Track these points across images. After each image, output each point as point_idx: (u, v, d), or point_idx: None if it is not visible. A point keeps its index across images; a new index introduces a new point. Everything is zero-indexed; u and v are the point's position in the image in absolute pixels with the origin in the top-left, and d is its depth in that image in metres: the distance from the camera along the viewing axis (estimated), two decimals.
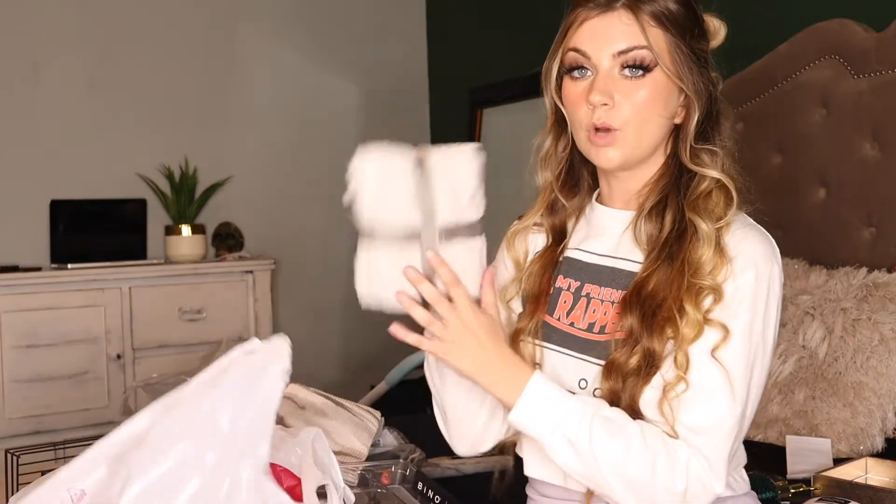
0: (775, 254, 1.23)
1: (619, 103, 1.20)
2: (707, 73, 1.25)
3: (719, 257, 1.18)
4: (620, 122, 1.21)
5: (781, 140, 2.38)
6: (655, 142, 1.24)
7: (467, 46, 3.88)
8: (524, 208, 1.41)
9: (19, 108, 3.29)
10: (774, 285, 1.21)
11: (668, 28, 1.21)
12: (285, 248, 3.71)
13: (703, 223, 1.20)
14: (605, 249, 1.29)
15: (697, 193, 1.22)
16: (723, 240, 1.20)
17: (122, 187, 3.41)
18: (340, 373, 3.84)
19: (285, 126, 3.77)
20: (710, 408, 1.15)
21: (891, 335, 1.91)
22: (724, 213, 1.21)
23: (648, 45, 1.20)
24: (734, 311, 1.17)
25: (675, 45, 1.21)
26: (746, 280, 1.18)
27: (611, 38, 1.21)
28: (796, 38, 2.37)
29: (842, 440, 1.87)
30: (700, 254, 1.18)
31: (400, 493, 1.35)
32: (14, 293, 2.96)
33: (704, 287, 1.17)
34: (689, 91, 1.22)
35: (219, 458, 0.98)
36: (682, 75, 1.21)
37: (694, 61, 1.22)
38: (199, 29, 3.61)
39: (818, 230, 2.26)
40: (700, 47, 1.24)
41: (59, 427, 2.94)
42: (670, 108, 1.23)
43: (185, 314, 3.21)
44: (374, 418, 1.80)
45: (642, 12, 1.20)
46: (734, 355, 1.16)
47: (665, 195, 1.25)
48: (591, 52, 1.22)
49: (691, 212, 1.21)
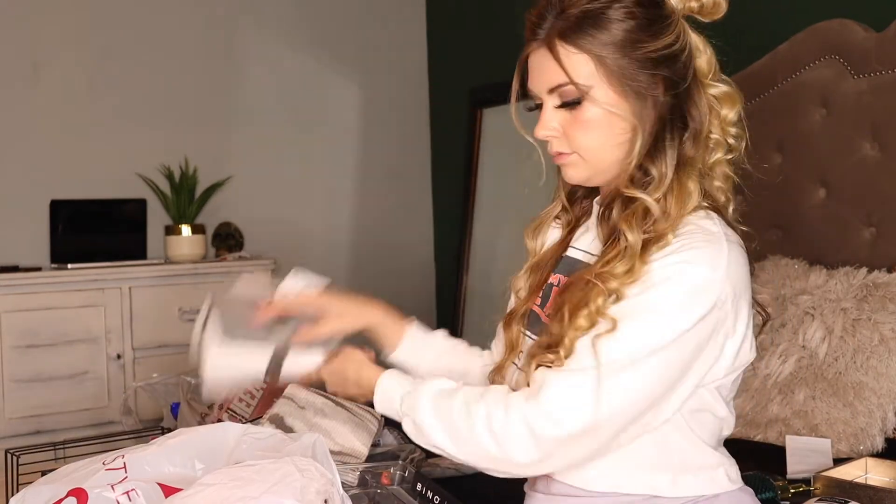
0: (715, 260, 1.15)
1: (565, 132, 1.21)
2: (666, 71, 1.19)
3: (640, 263, 1.15)
4: (569, 149, 1.22)
5: (781, 140, 2.37)
6: (611, 161, 1.22)
7: (467, 46, 3.88)
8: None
9: (19, 108, 3.29)
10: (694, 285, 1.14)
11: (596, 51, 1.17)
12: (285, 248, 3.71)
13: (630, 234, 1.17)
14: (586, 245, 1.31)
15: (633, 208, 1.20)
16: (650, 252, 1.16)
17: (122, 187, 3.41)
18: None
19: (285, 126, 3.77)
20: (566, 378, 1.13)
21: (891, 335, 1.91)
22: (659, 228, 1.17)
23: (570, 80, 1.18)
24: (633, 303, 1.15)
25: (606, 67, 1.17)
26: (652, 270, 1.15)
27: (541, 76, 1.21)
28: (796, 38, 2.37)
29: (842, 440, 1.87)
30: (616, 260, 1.16)
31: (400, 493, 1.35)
32: (14, 293, 2.96)
33: (604, 290, 1.15)
34: (629, 112, 1.18)
35: None
36: (618, 100, 1.18)
37: (641, 72, 1.17)
38: (199, 29, 3.61)
39: (818, 230, 2.26)
40: (650, 49, 1.17)
41: (59, 427, 2.94)
42: (617, 129, 1.19)
43: (185, 314, 3.21)
44: (374, 418, 1.81)
45: (563, 44, 1.17)
46: (617, 342, 1.13)
47: (613, 198, 1.24)
48: (534, 90, 1.24)
49: (622, 223, 1.19)
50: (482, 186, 3.67)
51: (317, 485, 1.05)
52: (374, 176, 3.96)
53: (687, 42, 1.22)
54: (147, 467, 1.10)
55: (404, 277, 3.96)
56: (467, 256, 3.68)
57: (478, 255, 3.65)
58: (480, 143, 3.70)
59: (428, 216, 4.09)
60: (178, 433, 1.18)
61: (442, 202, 4.04)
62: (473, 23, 3.84)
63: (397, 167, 4.01)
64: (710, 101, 1.25)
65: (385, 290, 3.91)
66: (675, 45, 1.20)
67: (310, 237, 3.83)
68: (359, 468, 1.53)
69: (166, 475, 1.11)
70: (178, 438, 1.15)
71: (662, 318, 1.13)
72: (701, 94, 1.23)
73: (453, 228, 3.81)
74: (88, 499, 1.06)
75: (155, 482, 1.08)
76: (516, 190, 3.36)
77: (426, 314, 4.01)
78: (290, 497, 1.02)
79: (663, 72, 1.19)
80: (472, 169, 3.71)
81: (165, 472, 1.11)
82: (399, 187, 4.02)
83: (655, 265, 1.15)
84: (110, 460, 1.11)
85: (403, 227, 4.03)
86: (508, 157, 3.52)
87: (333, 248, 3.86)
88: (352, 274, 3.87)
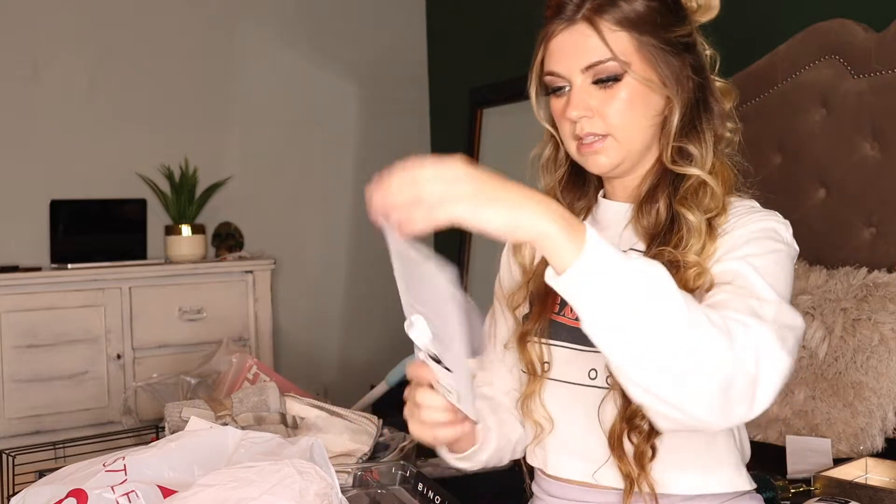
0: (783, 225, 1.21)
1: (599, 112, 1.21)
2: (690, 57, 1.24)
3: (710, 241, 1.18)
4: (604, 130, 1.22)
5: (781, 140, 2.37)
6: (644, 142, 1.24)
7: (467, 46, 3.88)
8: None
9: (19, 108, 3.29)
10: (777, 237, 1.17)
11: (634, 29, 1.19)
12: (285, 248, 3.71)
13: (691, 214, 1.19)
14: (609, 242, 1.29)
15: (685, 188, 1.22)
16: (719, 226, 1.20)
17: (122, 187, 3.41)
18: (340, 373, 3.84)
19: (285, 126, 3.77)
20: (749, 295, 1.07)
21: (891, 335, 1.91)
22: (716, 204, 1.21)
23: (613, 56, 1.19)
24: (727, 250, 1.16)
25: (643, 45, 1.20)
26: (743, 227, 1.17)
27: (576, 54, 1.21)
28: (796, 38, 2.37)
29: (842, 440, 1.87)
30: (688, 239, 1.18)
31: (400, 493, 1.35)
32: (14, 293, 2.96)
33: (689, 263, 1.16)
34: (669, 87, 1.21)
35: None
36: (654, 77, 1.20)
37: (671, 53, 1.21)
38: (199, 29, 3.61)
39: (818, 230, 2.26)
40: (678, 34, 1.22)
41: (59, 427, 2.94)
42: (653, 107, 1.22)
43: (185, 314, 3.21)
44: (372, 423, 1.78)
45: (603, 20, 1.19)
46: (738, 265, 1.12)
47: (655, 185, 1.25)
48: (562, 71, 1.22)
49: (679, 205, 1.21)
50: None
51: (316, 487, 1.05)
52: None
53: (696, 36, 1.27)
54: (147, 470, 1.10)
55: None
56: (467, 256, 3.68)
57: (478, 255, 3.65)
58: (480, 143, 3.70)
59: None
60: (178, 436, 1.18)
61: None
62: (473, 23, 3.84)
63: None
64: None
65: (385, 290, 3.93)
66: (692, 36, 1.25)
67: (310, 237, 3.83)
68: (350, 468, 1.52)
69: (166, 479, 1.11)
70: (179, 442, 1.16)
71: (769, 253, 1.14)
72: (713, 84, 1.28)
73: (453, 228, 3.81)
74: (88, 499, 1.06)
75: (155, 484, 1.08)
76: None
77: None
78: (289, 499, 1.02)
79: (689, 56, 1.23)
80: None
81: (165, 476, 1.11)
82: None
83: (738, 228, 1.17)
84: (111, 461, 1.11)
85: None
86: (508, 157, 3.52)
87: (333, 248, 3.86)
88: (351, 274, 3.87)
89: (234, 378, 2.18)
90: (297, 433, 1.73)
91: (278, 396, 1.77)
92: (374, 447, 1.75)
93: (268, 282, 3.39)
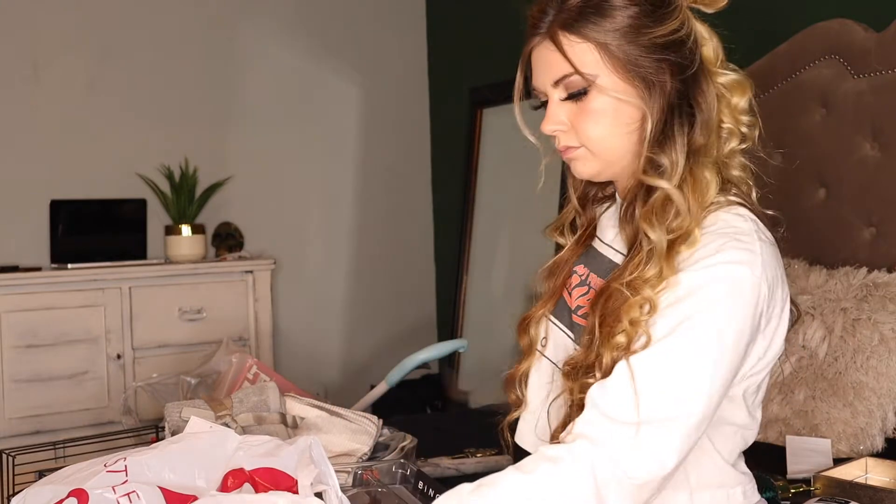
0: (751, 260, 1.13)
1: (573, 125, 1.20)
2: (673, 56, 1.18)
3: (668, 269, 1.13)
4: (577, 142, 1.21)
5: (781, 140, 2.37)
6: (621, 152, 1.21)
7: (467, 46, 3.88)
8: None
9: (19, 108, 3.29)
10: (733, 284, 1.11)
11: (599, 37, 1.16)
12: (285, 248, 3.71)
13: (653, 233, 1.15)
14: (608, 238, 1.30)
15: (651, 203, 1.17)
16: (679, 253, 1.14)
17: (122, 187, 3.41)
18: (340, 373, 3.84)
19: (285, 126, 3.77)
20: (612, 398, 1.09)
21: (891, 335, 1.91)
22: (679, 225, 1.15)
23: (575, 70, 1.17)
24: (670, 312, 1.11)
25: (611, 55, 1.16)
26: (691, 278, 1.12)
27: (546, 69, 1.20)
28: (796, 38, 2.37)
29: (842, 440, 1.87)
30: (647, 268, 1.13)
31: (401, 491, 1.35)
32: (14, 293, 2.96)
33: (637, 300, 1.12)
34: (636, 99, 1.17)
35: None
36: (626, 87, 1.17)
37: (646, 58, 1.17)
38: (199, 29, 3.61)
39: (818, 230, 2.26)
40: (657, 35, 1.17)
41: (59, 427, 2.94)
42: (626, 117, 1.18)
43: (185, 314, 3.21)
44: (372, 423, 1.78)
45: (566, 35, 1.17)
46: (653, 359, 1.09)
47: (635, 196, 1.21)
48: (538, 85, 1.23)
49: (643, 220, 1.17)
50: (482, 186, 3.67)
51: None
52: (374, 176, 3.96)
53: (692, 29, 1.21)
54: (148, 471, 1.10)
55: (404, 277, 3.96)
56: (467, 256, 3.68)
57: (478, 255, 3.65)
58: (480, 143, 3.71)
59: (428, 216, 4.09)
60: (180, 437, 1.18)
61: (442, 202, 4.04)
62: (473, 23, 3.84)
63: (397, 167, 4.01)
64: (718, 90, 1.23)
65: (385, 290, 3.94)
66: (681, 31, 1.19)
67: (310, 237, 3.83)
68: (350, 468, 1.52)
69: (167, 480, 1.11)
70: (180, 444, 1.16)
71: (706, 335, 1.09)
72: (708, 82, 1.22)
73: (453, 228, 3.82)
74: (89, 499, 1.06)
75: (156, 485, 1.08)
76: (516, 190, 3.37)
77: (426, 314, 4.02)
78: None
79: (669, 57, 1.18)
80: (472, 169, 3.71)
81: (166, 477, 1.11)
82: (399, 187, 4.02)
83: (689, 271, 1.12)
84: (112, 462, 1.12)
85: (403, 227, 4.03)
86: (508, 157, 3.52)
87: (333, 248, 3.86)
88: (352, 274, 3.87)
89: (234, 378, 2.17)
90: (297, 433, 1.72)
91: (278, 396, 1.76)
92: (374, 447, 1.74)
93: (268, 282, 3.39)
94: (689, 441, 1.09)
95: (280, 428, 1.72)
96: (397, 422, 1.93)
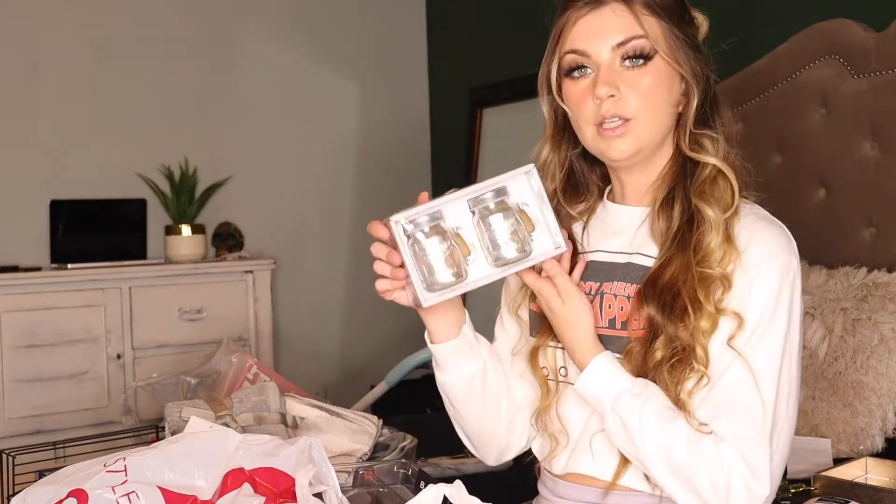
0: (792, 246, 1.22)
1: (626, 94, 1.21)
2: (702, 57, 1.27)
3: (728, 245, 1.18)
4: (631, 112, 1.22)
5: (781, 140, 2.37)
6: (664, 131, 1.25)
7: (467, 46, 3.88)
8: None
9: (19, 108, 3.29)
10: (794, 277, 1.20)
11: (661, 15, 1.22)
12: (285, 248, 3.71)
13: (710, 209, 1.20)
14: (620, 247, 1.30)
15: (702, 180, 1.23)
16: (732, 229, 1.20)
17: (122, 187, 3.41)
18: (340, 373, 3.84)
19: (285, 126, 3.77)
20: (740, 407, 1.14)
21: (891, 335, 1.91)
22: (731, 201, 1.21)
23: (646, 34, 1.21)
24: (752, 303, 1.17)
25: (669, 31, 1.23)
26: (764, 272, 1.18)
27: (607, 32, 1.22)
28: (796, 38, 2.37)
29: (842, 440, 1.87)
30: (708, 240, 1.18)
31: (402, 491, 1.35)
32: (14, 293, 2.96)
33: (713, 276, 1.17)
34: (688, 75, 1.23)
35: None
36: (680, 60, 1.23)
37: (690, 46, 1.24)
38: (199, 29, 3.61)
39: (818, 230, 2.26)
40: (692, 32, 1.26)
41: (59, 427, 2.94)
42: (674, 96, 1.24)
43: (185, 314, 3.21)
44: (372, 423, 1.77)
45: (634, 2, 1.22)
46: (754, 345, 1.16)
47: (674, 186, 1.25)
48: (590, 50, 1.22)
49: (697, 198, 1.21)
50: None
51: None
52: (374, 176, 3.96)
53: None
54: (147, 471, 1.10)
55: None
56: None
57: None
58: (480, 143, 3.70)
59: None
60: (179, 437, 1.18)
61: None
62: (473, 23, 3.84)
63: (397, 167, 4.01)
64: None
65: None
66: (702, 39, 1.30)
67: (310, 237, 3.83)
68: (350, 468, 1.52)
69: (166, 480, 1.11)
70: (180, 444, 1.16)
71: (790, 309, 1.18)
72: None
73: None
74: (89, 500, 1.06)
75: (156, 486, 1.08)
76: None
77: None
78: None
79: (701, 54, 1.27)
80: (472, 169, 3.71)
81: (165, 478, 1.11)
82: (399, 187, 4.02)
83: (755, 249, 1.18)
84: (111, 462, 1.12)
85: None
86: (508, 156, 3.52)
87: (333, 248, 3.86)
88: (352, 274, 3.87)
89: (234, 378, 2.18)
90: (297, 433, 1.72)
91: (278, 396, 1.76)
92: (374, 447, 1.74)
93: (268, 282, 3.39)
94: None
95: (280, 428, 1.72)
96: (397, 422, 1.93)
